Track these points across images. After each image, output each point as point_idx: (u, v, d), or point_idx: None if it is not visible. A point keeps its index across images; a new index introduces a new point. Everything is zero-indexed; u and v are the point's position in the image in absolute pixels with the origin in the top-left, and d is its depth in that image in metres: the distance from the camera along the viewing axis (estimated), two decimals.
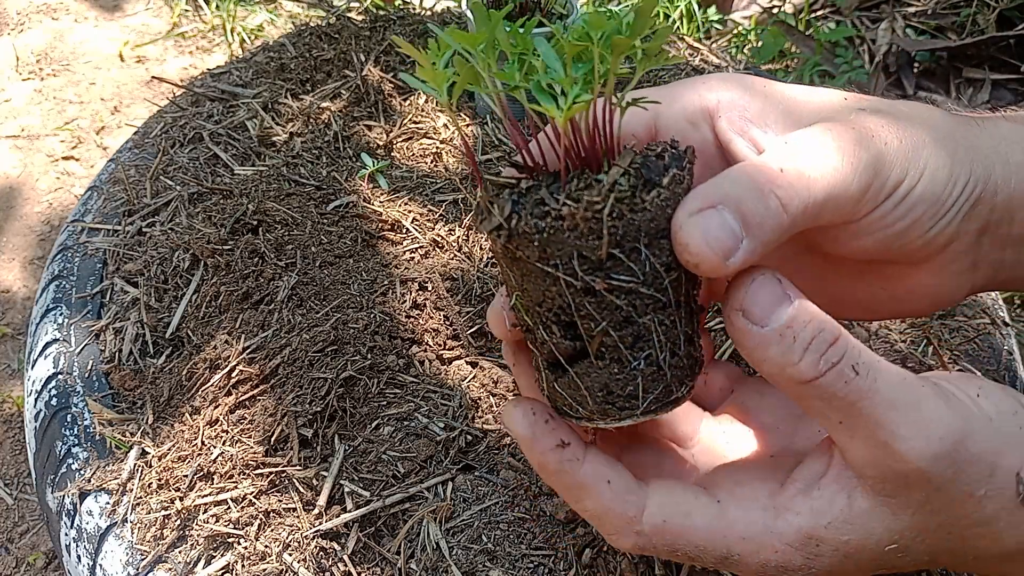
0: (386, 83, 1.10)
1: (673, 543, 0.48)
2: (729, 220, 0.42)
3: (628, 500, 0.47)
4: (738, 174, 0.44)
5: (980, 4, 2.15)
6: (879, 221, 0.47)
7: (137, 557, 0.68)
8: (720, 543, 0.47)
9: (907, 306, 0.55)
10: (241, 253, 0.85)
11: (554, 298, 0.44)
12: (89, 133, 2.13)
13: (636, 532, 0.47)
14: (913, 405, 0.43)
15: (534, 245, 0.42)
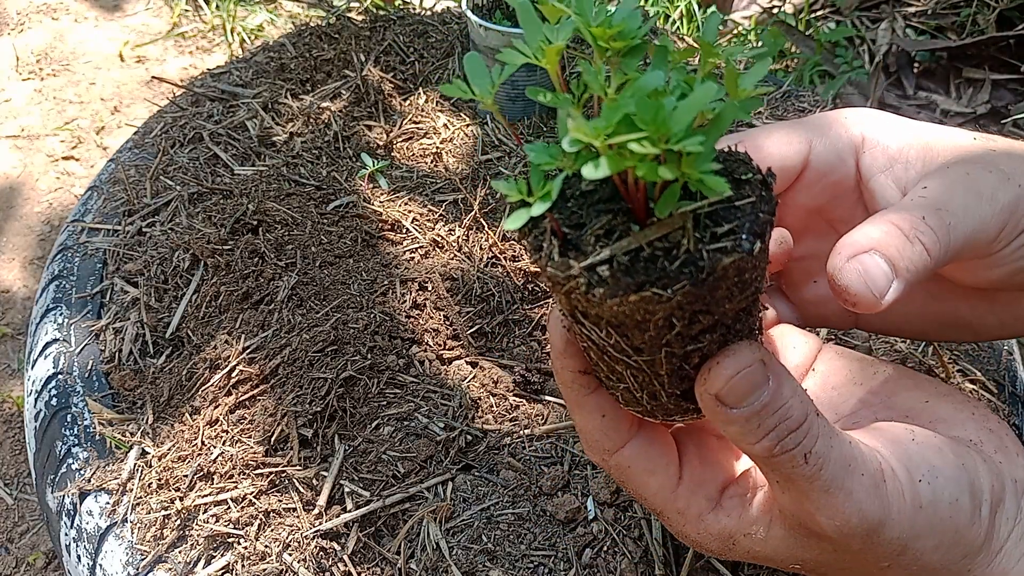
0: (386, 83, 1.10)
1: (625, 483, 0.54)
2: (882, 264, 0.46)
3: (610, 436, 0.52)
4: (884, 223, 0.48)
5: (980, 4, 2.15)
6: (1011, 255, 0.51)
7: (137, 557, 0.68)
8: (659, 504, 0.53)
9: (1009, 331, 0.58)
10: (241, 253, 0.85)
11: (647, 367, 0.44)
12: (89, 133, 2.13)
13: (603, 459, 0.53)
14: (846, 492, 0.46)
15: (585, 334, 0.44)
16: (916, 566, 0.49)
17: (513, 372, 0.79)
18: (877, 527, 0.47)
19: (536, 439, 0.74)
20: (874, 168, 0.54)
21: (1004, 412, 0.80)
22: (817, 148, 0.55)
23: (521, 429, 0.74)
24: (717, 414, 0.45)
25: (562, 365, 0.50)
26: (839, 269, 0.47)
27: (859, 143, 0.55)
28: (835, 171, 0.55)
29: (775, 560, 0.52)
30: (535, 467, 0.71)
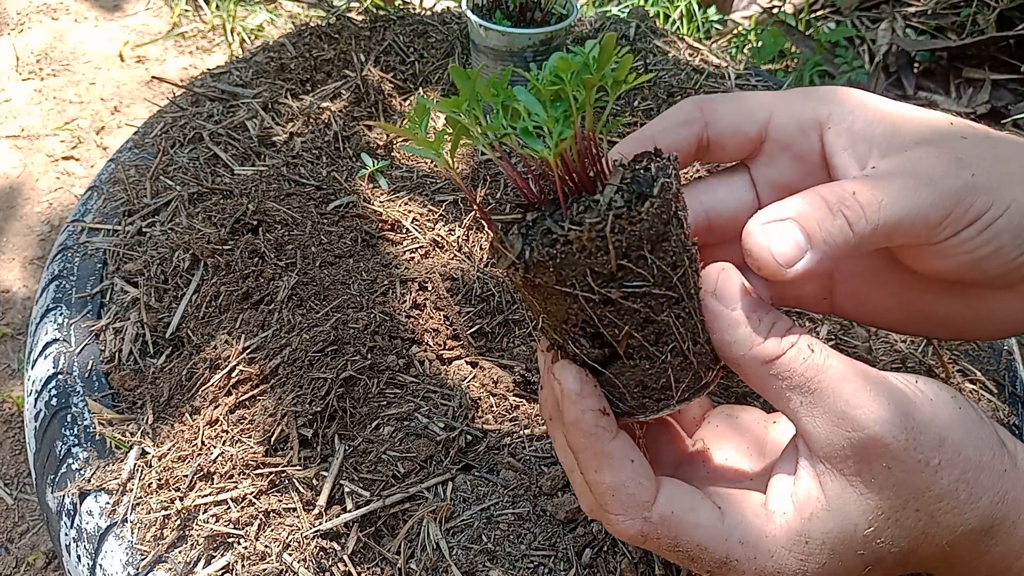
0: (386, 83, 1.10)
1: (676, 537, 0.48)
2: (796, 233, 0.47)
3: (644, 484, 0.49)
4: (811, 193, 0.49)
5: (980, 4, 2.15)
6: (959, 246, 0.50)
7: (137, 557, 0.68)
8: (720, 546, 0.48)
9: (985, 329, 0.57)
10: (241, 253, 0.85)
11: (577, 314, 0.47)
12: (89, 133, 2.13)
13: (644, 517, 0.48)
14: (862, 379, 0.47)
15: (550, 271, 0.45)
16: (960, 460, 0.47)
17: (513, 372, 0.79)
18: (908, 408, 0.47)
19: (536, 439, 0.73)
20: (838, 145, 0.54)
21: (1004, 412, 0.80)
22: (778, 119, 0.55)
23: (521, 429, 0.74)
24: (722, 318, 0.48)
25: (581, 409, 0.48)
26: (750, 233, 0.48)
27: (824, 119, 0.54)
28: (797, 144, 0.55)
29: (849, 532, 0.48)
30: (535, 467, 0.71)
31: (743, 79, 1.17)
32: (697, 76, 1.15)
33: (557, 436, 0.53)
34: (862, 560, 0.49)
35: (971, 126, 0.54)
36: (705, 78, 1.15)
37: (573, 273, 0.45)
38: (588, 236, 0.45)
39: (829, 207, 0.48)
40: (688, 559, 0.49)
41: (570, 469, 0.53)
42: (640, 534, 0.49)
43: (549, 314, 0.48)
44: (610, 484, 0.48)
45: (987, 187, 0.49)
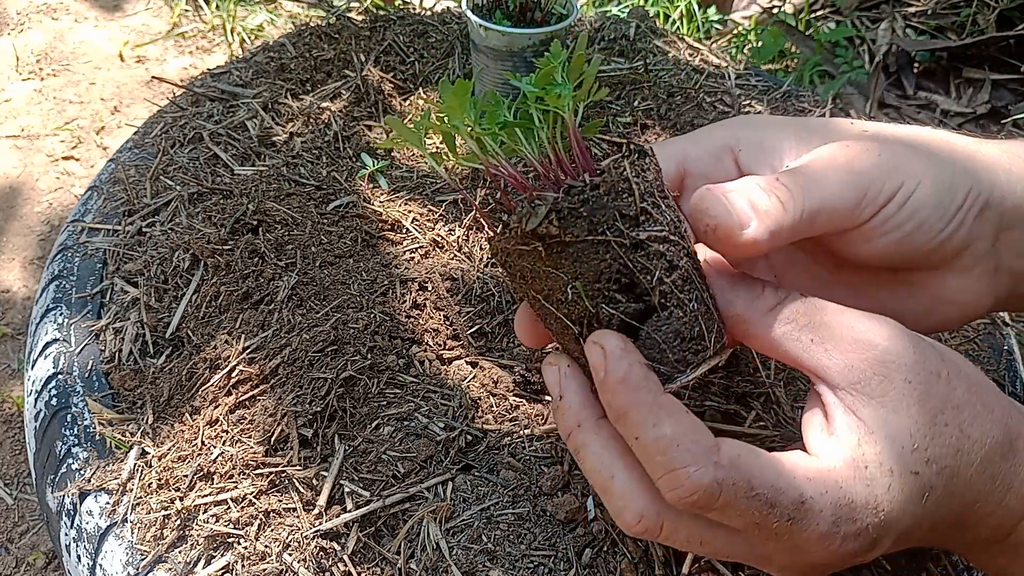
0: (386, 83, 1.10)
1: (750, 479, 0.46)
2: (744, 198, 0.50)
3: (705, 431, 0.47)
4: (742, 179, 0.51)
5: (980, 4, 2.15)
6: (882, 226, 0.52)
7: (137, 557, 0.68)
8: (792, 484, 0.47)
9: (936, 317, 0.58)
10: (241, 253, 0.85)
11: (610, 264, 0.49)
12: (89, 133, 2.13)
13: (715, 462, 0.45)
14: (853, 310, 0.50)
15: (582, 220, 0.48)
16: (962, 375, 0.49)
17: (513, 372, 0.79)
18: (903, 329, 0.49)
19: (536, 439, 0.74)
20: (752, 163, 0.56)
21: None
22: (692, 154, 0.58)
23: (521, 429, 0.74)
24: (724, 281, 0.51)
25: (629, 363, 0.47)
26: (701, 196, 0.50)
27: (734, 143, 0.57)
28: (714, 171, 0.57)
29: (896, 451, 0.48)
30: (535, 467, 0.71)
31: (743, 79, 1.17)
32: (697, 76, 1.15)
33: (588, 441, 0.50)
34: (919, 483, 0.48)
35: (871, 122, 0.57)
36: (705, 78, 1.15)
37: (604, 217, 0.48)
38: (614, 177, 0.48)
39: (762, 188, 0.50)
40: (765, 506, 0.46)
41: (608, 476, 0.50)
42: (715, 482, 0.45)
43: (581, 278, 0.49)
44: (673, 434, 0.46)
45: (895, 167, 0.52)
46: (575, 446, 0.51)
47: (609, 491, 0.50)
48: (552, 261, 0.49)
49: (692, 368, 0.50)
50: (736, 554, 0.50)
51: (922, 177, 0.52)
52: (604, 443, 0.50)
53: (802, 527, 0.46)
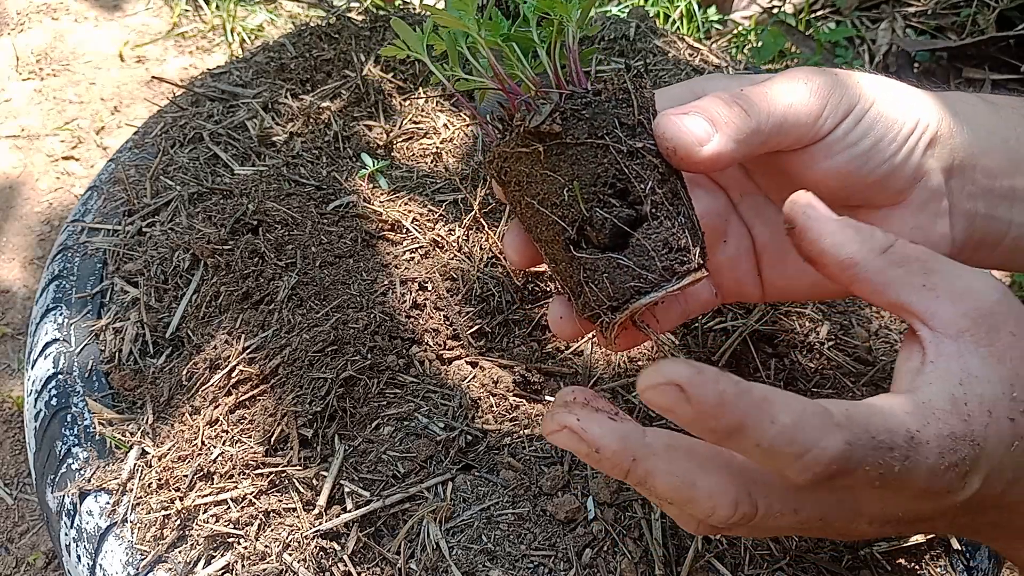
0: (386, 83, 1.10)
1: (867, 429, 0.44)
2: (701, 119, 0.51)
3: (806, 400, 0.45)
4: (704, 97, 0.54)
5: (980, 4, 2.15)
6: (842, 140, 0.55)
7: (137, 557, 0.68)
8: (898, 421, 0.46)
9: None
10: (241, 253, 0.85)
11: (607, 169, 0.51)
12: (89, 133, 2.13)
13: (837, 425, 0.43)
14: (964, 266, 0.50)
15: (584, 123, 0.50)
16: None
17: (513, 372, 0.79)
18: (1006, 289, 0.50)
19: (536, 439, 0.73)
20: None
21: None
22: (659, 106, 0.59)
23: (521, 429, 0.74)
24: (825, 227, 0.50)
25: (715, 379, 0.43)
26: (659, 121, 0.52)
27: (701, 92, 0.58)
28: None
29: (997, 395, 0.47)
30: (535, 467, 0.71)
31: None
32: (697, 76, 1.15)
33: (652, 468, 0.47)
34: (1012, 429, 0.47)
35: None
36: None
37: (604, 123, 0.50)
38: (617, 86, 0.51)
39: (723, 101, 0.52)
40: (886, 452, 0.44)
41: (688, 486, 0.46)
42: (846, 444, 0.43)
43: (578, 179, 0.51)
44: (792, 420, 0.43)
45: (851, 85, 0.55)
46: (639, 480, 0.48)
47: (694, 500, 0.47)
48: (550, 163, 0.51)
49: (678, 278, 0.52)
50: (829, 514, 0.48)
51: (875, 97, 0.55)
52: (668, 459, 0.47)
53: (916, 464, 0.45)
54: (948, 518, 0.51)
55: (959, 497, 0.48)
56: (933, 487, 0.47)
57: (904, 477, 0.46)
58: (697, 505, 0.47)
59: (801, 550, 0.67)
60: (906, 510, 0.49)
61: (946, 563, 0.68)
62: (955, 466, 0.47)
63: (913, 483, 0.46)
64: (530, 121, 0.51)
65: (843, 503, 0.48)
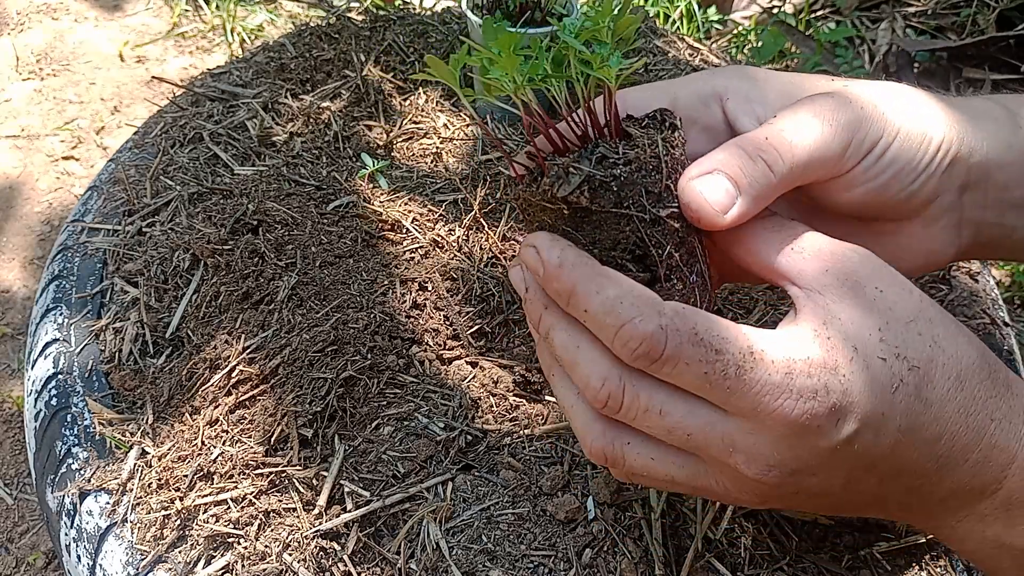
0: (386, 83, 1.10)
1: (695, 327, 0.47)
2: (725, 183, 0.51)
3: (648, 291, 0.49)
4: (729, 145, 0.53)
5: (980, 4, 2.15)
6: (863, 175, 0.55)
7: (137, 557, 0.68)
8: (740, 335, 0.47)
9: (901, 266, 0.60)
10: (241, 253, 0.85)
11: (628, 236, 0.51)
12: (89, 133, 2.13)
13: (659, 312, 0.47)
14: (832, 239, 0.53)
15: (611, 192, 0.50)
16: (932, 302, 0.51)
17: (513, 372, 0.79)
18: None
19: (536, 439, 0.74)
20: (739, 111, 0.58)
21: None
22: (681, 97, 0.59)
23: (521, 429, 0.74)
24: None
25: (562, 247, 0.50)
26: (683, 188, 0.52)
27: (723, 91, 0.59)
28: (702, 116, 0.59)
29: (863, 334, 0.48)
30: (535, 467, 0.71)
31: None
32: None
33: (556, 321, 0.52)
34: (886, 369, 0.48)
35: (855, 80, 0.59)
36: None
37: (631, 192, 0.50)
38: (647, 155, 0.50)
39: (748, 154, 0.52)
40: (711, 352, 0.47)
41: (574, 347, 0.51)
42: (659, 327, 0.47)
43: (596, 243, 0.52)
44: (616, 294, 0.48)
45: (874, 117, 0.55)
46: (545, 329, 0.52)
47: (576, 363, 0.51)
48: (573, 223, 0.51)
49: None
50: (696, 427, 0.49)
51: (899, 128, 0.55)
52: (570, 321, 0.51)
53: (754, 377, 0.46)
54: (841, 473, 0.50)
55: (834, 436, 0.47)
56: (789, 405, 0.46)
57: (744, 387, 0.46)
58: (577, 371, 0.51)
59: (801, 550, 0.67)
60: (778, 449, 0.48)
61: (946, 563, 0.68)
62: (813, 392, 0.47)
63: (755, 396, 0.46)
64: (558, 189, 0.50)
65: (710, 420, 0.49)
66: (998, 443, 0.50)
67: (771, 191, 0.52)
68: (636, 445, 0.52)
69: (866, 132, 0.54)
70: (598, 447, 0.52)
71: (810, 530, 0.69)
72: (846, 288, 0.50)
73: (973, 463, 0.50)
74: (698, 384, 0.47)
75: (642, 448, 0.52)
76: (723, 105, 0.59)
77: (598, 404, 0.50)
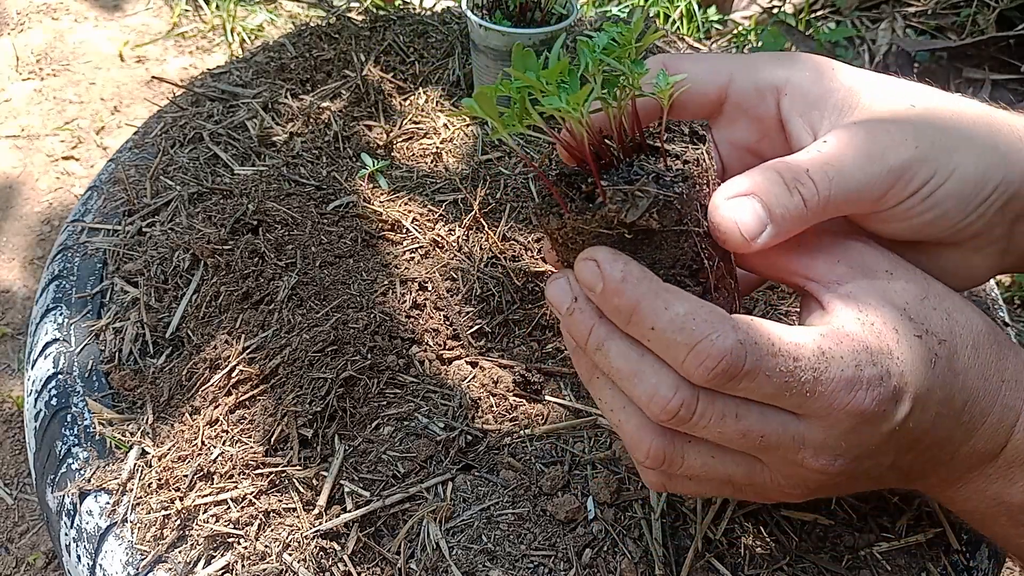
0: (386, 83, 1.10)
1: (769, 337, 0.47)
2: (758, 208, 0.50)
3: (715, 306, 0.48)
4: (769, 170, 0.51)
5: (980, 4, 2.15)
6: (904, 213, 0.53)
7: (137, 557, 0.68)
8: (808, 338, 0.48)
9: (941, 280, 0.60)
10: (241, 253, 0.85)
11: (687, 252, 0.51)
12: (89, 133, 2.13)
13: (734, 326, 0.46)
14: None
15: (675, 210, 0.49)
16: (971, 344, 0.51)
17: (513, 372, 0.79)
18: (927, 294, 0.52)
19: (536, 439, 0.74)
20: (793, 111, 0.56)
21: None
22: (738, 82, 0.57)
23: (521, 429, 0.74)
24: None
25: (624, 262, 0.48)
26: (716, 207, 0.50)
27: (781, 84, 0.56)
28: (755, 107, 0.57)
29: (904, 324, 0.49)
30: (535, 467, 0.71)
31: None
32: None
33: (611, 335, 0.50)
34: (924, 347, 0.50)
35: (924, 92, 0.56)
36: None
37: (690, 209, 0.50)
38: (700, 170, 0.50)
39: (786, 184, 0.50)
40: (790, 360, 0.47)
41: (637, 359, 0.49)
42: (738, 343, 0.46)
43: (657, 263, 0.51)
44: (687, 310, 0.46)
45: (930, 157, 0.51)
46: (598, 342, 0.50)
47: (639, 375, 0.49)
48: (633, 246, 0.50)
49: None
50: (770, 430, 0.49)
51: (953, 171, 0.52)
52: (622, 336, 0.50)
53: (829, 376, 0.47)
54: (892, 452, 0.51)
55: (894, 419, 0.48)
56: (860, 405, 0.47)
57: (820, 387, 0.47)
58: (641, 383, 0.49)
59: (801, 550, 0.67)
60: (847, 439, 0.49)
61: (946, 563, 0.68)
62: (880, 379, 0.48)
63: (834, 394, 0.47)
64: (627, 214, 0.48)
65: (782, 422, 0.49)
66: (1008, 403, 0.52)
67: (801, 225, 0.51)
68: (696, 446, 0.51)
69: (915, 174, 0.51)
70: (658, 448, 0.51)
71: (810, 530, 0.69)
72: (861, 276, 0.50)
73: (989, 426, 0.52)
74: (775, 394, 0.47)
75: (703, 448, 0.52)
76: (779, 99, 0.57)
77: (665, 416, 0.48)
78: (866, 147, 0.51)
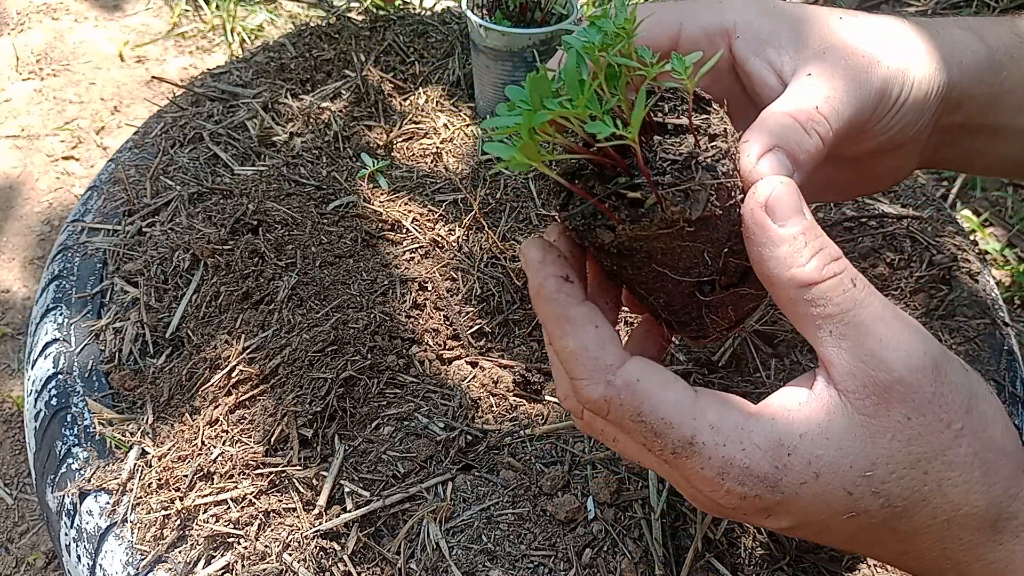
0: (386, 83, 1.10)
1: (639, 406, 0.46)
2: (784, 160, 0.50)
3: (608, 349, 0.47)
4: (785, 117, 0.51)
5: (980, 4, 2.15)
6: (880, 129, 0.56)
7: (137, 557, 0.68)
8: (687, 423, 0.46)
9: (871, 186, 0.65)
10: (241, 253, 0.85)
11: (735, 224, 0.50)
12: (89, 133, 2.13)
13: (608, 380, 0.46)
14: (900, 323, 0.46)
15: (725, 190, 0.49)
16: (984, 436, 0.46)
17: (513, 372, 0.79)
18: (943, 363, 0.46)
19: (536, 439, 0.74)
20: (748, 51, 0.57)
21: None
22: (687, 30, 0.57)
23: (521, 429, 0.74)
24: (766, 232, 0.47)
25: (543, 276, 0.48)
26: (750, 169, 0.49)
27: (730, 27, 0.57)
28: (706, 53, 0.56)
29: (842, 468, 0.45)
30: (535, 467, 0.71)
31: None
32: None
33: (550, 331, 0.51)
34: (849, 501, 0.46)
35: (854, 15, 0.58)
36: None
37: (731, 186, 0.50)
38: (729, 142, 0.50)
39: (804, 127, 0.51)
40: (650, 435, 0.46)
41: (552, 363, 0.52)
42: (603, 399, 0.46)
43: (713, 242, 0.50)
44: (573, 348, 0.47)
45: (898, 73, 0.55)
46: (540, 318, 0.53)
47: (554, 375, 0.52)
48: (691, 235, 0.50)
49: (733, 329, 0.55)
50: (647, 463, 0.50)
51: (913, 83, 0.55)
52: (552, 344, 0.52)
53: (687, 464, 0.46)
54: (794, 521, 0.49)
55: (767, 524, 0.48)
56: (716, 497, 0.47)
57: (679, 468, 0.47)
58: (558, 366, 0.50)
59: (801, 550, 0.67)
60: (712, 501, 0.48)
61: None
62: (742, 496, 0.46)
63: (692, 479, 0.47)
64: (691, 211, 0.48)
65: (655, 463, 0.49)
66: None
67: (818, 162, 0.52)
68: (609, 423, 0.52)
69: (891, 91, 0.54)
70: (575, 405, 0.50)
71: None
72: (868, 404, 0.45)
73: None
74: (644, 444, 0.48)
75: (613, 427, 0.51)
76: (731, 42, 0.57)
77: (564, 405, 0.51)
78: (851, 74, 0.53)
